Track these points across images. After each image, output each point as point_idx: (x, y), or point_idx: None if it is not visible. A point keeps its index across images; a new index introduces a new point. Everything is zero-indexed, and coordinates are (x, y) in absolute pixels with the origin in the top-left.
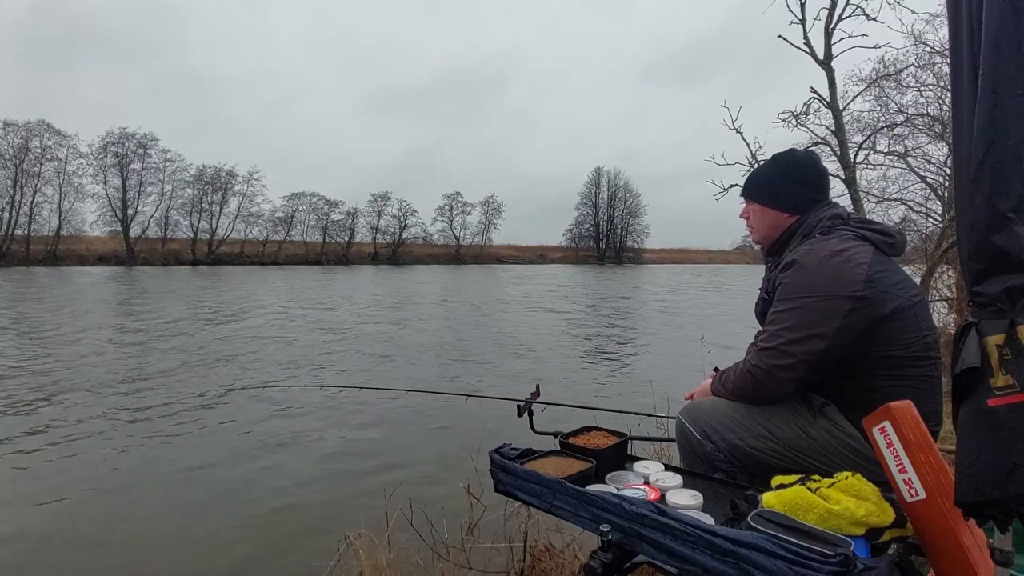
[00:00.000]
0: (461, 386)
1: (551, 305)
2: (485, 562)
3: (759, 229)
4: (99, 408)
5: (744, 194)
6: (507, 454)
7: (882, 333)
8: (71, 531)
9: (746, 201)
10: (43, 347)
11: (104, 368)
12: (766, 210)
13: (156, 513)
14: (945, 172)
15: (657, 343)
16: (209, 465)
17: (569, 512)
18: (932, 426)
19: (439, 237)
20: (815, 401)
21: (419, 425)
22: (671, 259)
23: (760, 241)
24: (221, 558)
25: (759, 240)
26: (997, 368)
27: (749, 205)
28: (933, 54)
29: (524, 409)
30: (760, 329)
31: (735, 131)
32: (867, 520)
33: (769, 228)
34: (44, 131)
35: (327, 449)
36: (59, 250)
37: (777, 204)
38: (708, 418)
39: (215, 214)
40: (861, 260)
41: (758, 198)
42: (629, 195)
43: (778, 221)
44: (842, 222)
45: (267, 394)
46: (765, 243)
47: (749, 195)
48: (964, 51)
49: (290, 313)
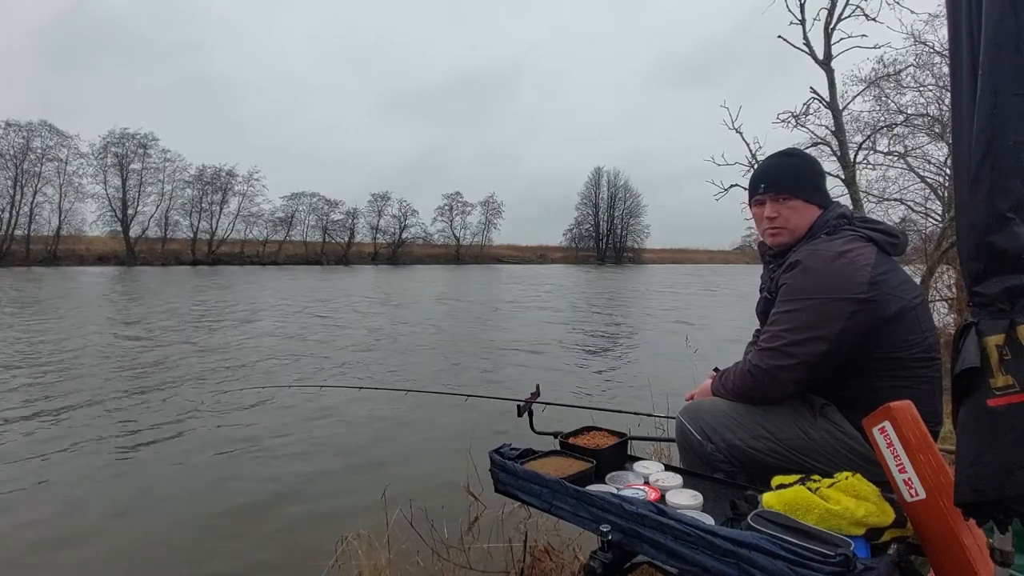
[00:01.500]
0: (461, 386)
1: (551, 305)
2: (485, 562)
3: (797, 228)
4: (98, 407)
5: (782, 191)
6: (507, 454)
7: (884, 334)
8: (68, 530)
9: (783, 198)
10: (42, 347)
11: (103, 368)
12: (808, 206)
13: (153, 512)
14: (945, 172)
15: (657, 343)
16: (207, 465)
17: (569, 512)
18: (932, 426)
19: (439, 237)
20: (815, 402)
21: (419, 425)
22: (671, 259)
23: (790, 242)
24: (220, 558)
25: (790, 241)
26: (997, 368)
27: (787, 202)
28: (932, 54)
29: (524, 409)
30: (760, 328)
31: (735, 131)
32: (867, 520)
33: (806, 225)
34: (45, 131)
35: (326, 449)
36: (59, 250)
37: (816, 198)
38: (708, 418)
39: (215, 214)
40: (865, 262)
41: (801, 193)
42: (629, 195)
43: (812, 217)
44: (847, 222)
45: (266, 394)
46: (793, 242)
47: (790, 191)
48: (964, 51)
49: (289, 313)
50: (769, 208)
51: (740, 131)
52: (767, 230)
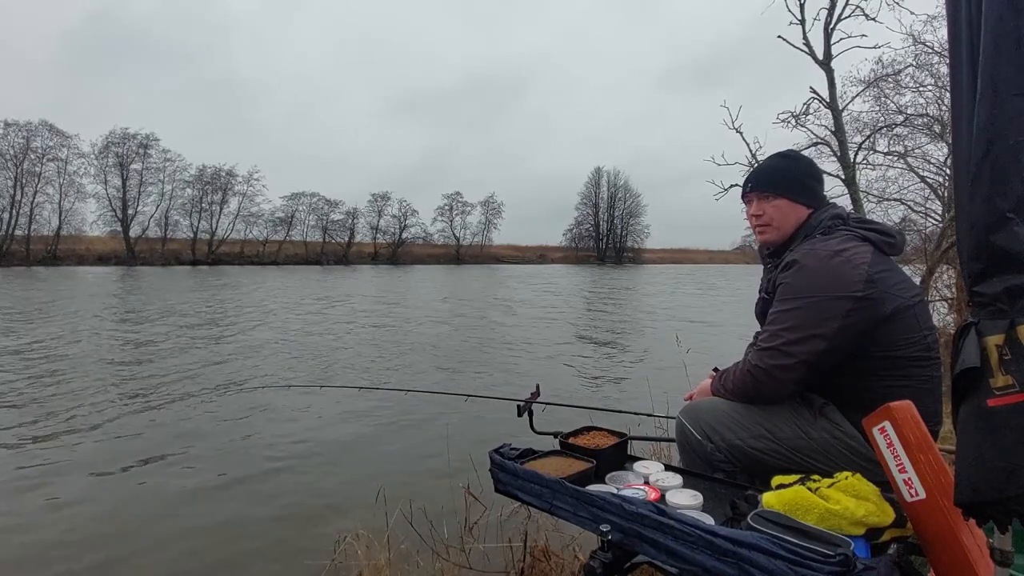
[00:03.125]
0: (461, 386)
1: (551, 305)
2: (485, 562)
3: (782, 227)
4: (97, 406)
5: (766, 189)
6: (507, 454)
7: (882, 333)
8: (65, 528)
9: (767, 197)
10: (40, 346)
11: (102, 367)
12: (794, 205)
13: (152, 512)
14: (945, 172)
15: (657, 343)
16: (206, 465)
17: (569, 512)
18: (932, 426)
19: (439, 237)
20: (815, 401)
21: (419, 425)
22: (671, 259)
23: (778, 240)
24: (219, 558)
25: (777, 239)
26: (997, 368)
27: (771, 201)
28: (931, 54)
29: (524, 409)
30: (759, 329)
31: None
32: (867, 520)
33: (793, 225)
34: (45, 131)
35: (326, 449)
36: (59, 250)
37: (803, 198)
38: (708, 418)
39: (215, 214)
40: (861, 260)
41: (785, 192)
42: (629, 195)
43: (800, 217)
44: (842, 222)
45: (266, 394)
46: (781, 240)
47: (774, 190)
48: (964, 51)
49: (289, 313)
50: (755, 206)
51: (740, 131)
52: (755, 227)
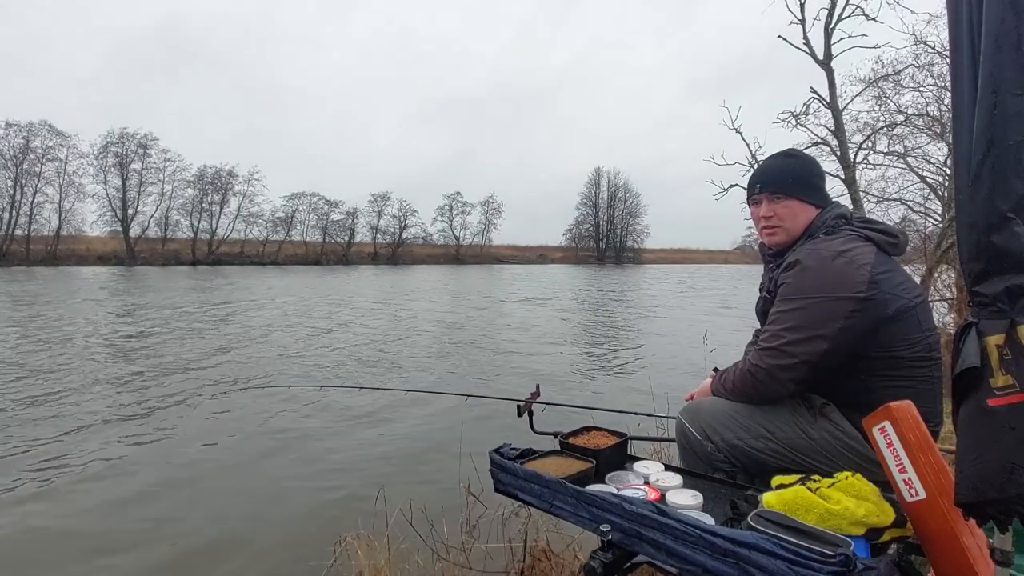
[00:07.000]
0: (461, 386)
1: (551, 305)
2: (485, 562)
3: (792, 228)
4: (96, 406)
5: (777, 190)
6: (507, 454)
7: (884, 334)
8: (64, 527)
9: (778, 198)
10: (40, 346)
11: (101, 368)
12: (805, 205)
13: (151, 512)
14: (945, 172)
15: (657, 343)
16: (206, 465)
17: (569, 512)
18: (932, 426)
19: (439, 237)
20: (815, 401)
21: (419, 425)
22: (671, 259)
23: (787, 241)
24: (219, 557)
25: (786, 240)
26: (997, 368)
27: (782, 202)
28: (932, 54)
29: (524, 409)
30: (760, 328)
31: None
32: (867, 520)
33: (803, 225)
34: (45, 131)
35: (326, 449)
36: (59, 250)
37: (812, 198)
38: (708, 418)
39: (215, 214)
40: (864, 261)
41: (796, 193)
42: (629, 195)
43: (809, 217)
44: (846, 222)
45: (266, 394)
46: (790, 242)
47: (786, 190)
48: (964, 51)
49: (289, 313)
50: (765, 208)
51: (740, 131)
52: (763, 229)
